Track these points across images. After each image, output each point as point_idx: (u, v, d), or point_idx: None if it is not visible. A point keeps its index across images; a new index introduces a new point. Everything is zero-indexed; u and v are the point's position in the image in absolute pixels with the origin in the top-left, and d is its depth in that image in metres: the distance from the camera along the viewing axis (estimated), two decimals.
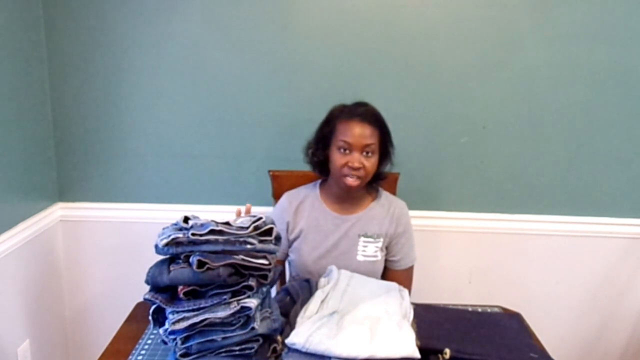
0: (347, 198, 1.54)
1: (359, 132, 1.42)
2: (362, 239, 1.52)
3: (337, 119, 1.48)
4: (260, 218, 1.08)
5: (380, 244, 1.53)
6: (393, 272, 1.57)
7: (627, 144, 1.91)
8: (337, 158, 1.45)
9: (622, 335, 2.10)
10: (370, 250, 1.52)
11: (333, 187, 1.54)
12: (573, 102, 1.87)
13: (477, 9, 1.79)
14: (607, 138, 1.90)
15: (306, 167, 1.60)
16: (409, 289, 1.58)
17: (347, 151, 1.43)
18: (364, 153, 1.43)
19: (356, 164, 1.42)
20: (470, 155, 1.92)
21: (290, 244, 1.58)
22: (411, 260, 1.59)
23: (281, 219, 1.56)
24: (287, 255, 1.60)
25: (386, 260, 1.58)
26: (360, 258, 1.51)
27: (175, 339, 1.04)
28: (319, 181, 1.61)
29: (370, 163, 1.44)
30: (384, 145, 1.49)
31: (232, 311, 1.02)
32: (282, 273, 1.71)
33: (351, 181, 1.44)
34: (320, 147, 1.52)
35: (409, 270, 1.60)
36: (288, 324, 1.17)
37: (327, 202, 1.56)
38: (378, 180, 1.56)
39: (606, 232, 1.98)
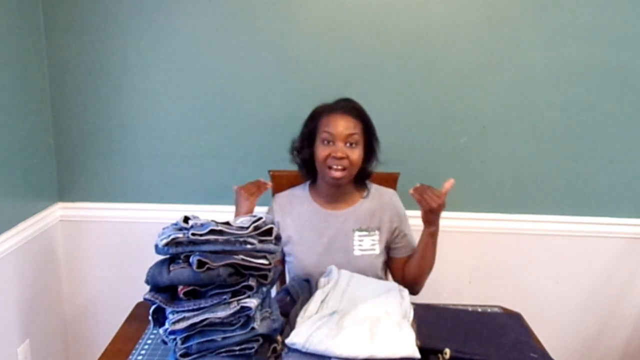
0: (336, 194, 1.54)
1: (341, 123, 1.44)
2: (357, 233, 1.52)
3: (319, 115, 1.49)
4: (260, 218, 1.08)
5: (376, 237, 1.53)
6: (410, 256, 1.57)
7: (627, 144, 1.91)
8: (321, 150, 1.45)
9: (622, 335, 2.10)
10: (366, 244, 1.52)
11: (322, 185, 1.54)
12: (573, 102, 1.87)
13: (477, 8, 1.80)
14: (607, 138, 1.90)
15: None
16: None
17: (331, 143, 1.44)
18: (348, 144, 1.44)
19: (339, 154, 1.42)
20: (470, 155, 1.92)
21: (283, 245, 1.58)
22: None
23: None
24: (283, 255, 1.60)
25: (401, 251, 1.56)
26: (357, 253, 1.51)
27: (175, 339, 1.04)
28: (309, 182, 1.61)
29: (354, 154, 1.44)
30: (368, 139, 1.49)
31: (232, 311, 1.02)
32: (282, 273, 1.70)
33: (336, 173, 1.44)
34: (305, 145, 1.52)
35: None
36: (288, 324, 1.17)
37: (317, 200, 1.56)
38: (365, 178, 1.55)
39: (606, 232, 1.98)
